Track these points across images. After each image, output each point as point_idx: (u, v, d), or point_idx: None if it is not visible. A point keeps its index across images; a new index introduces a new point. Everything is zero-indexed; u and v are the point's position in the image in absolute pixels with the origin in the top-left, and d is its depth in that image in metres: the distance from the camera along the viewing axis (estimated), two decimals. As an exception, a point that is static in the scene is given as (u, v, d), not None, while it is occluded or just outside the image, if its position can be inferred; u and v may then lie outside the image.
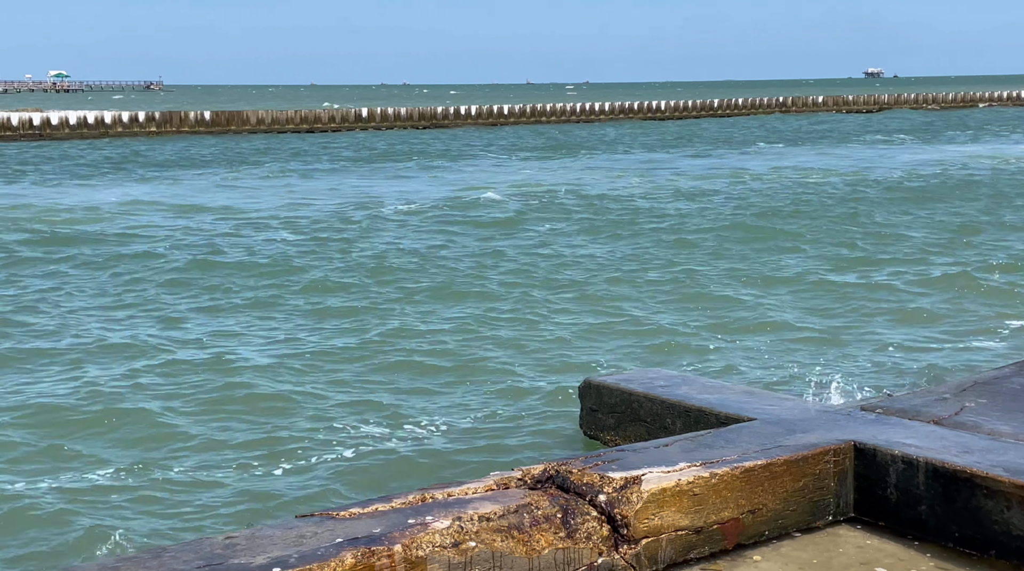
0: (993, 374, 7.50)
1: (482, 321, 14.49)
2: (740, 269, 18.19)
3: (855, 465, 5.77)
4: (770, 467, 5.53)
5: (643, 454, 5.61)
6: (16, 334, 14.02)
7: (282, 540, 4.55)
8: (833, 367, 11.63)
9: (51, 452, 9.58)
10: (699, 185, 33.50)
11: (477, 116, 78.28)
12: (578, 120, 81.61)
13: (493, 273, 18.26)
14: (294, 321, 14.72)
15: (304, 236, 23.23)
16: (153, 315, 15.22)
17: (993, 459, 5.44)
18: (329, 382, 11.65)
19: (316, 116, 72.60)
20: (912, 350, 12.51)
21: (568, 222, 24.95)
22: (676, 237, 22.15)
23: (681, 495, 5.25)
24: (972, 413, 6.40)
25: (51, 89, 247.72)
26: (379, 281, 17.60)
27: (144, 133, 65.42)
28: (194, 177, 38.70)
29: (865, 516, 5.76)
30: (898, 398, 6.96)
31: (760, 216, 25.29)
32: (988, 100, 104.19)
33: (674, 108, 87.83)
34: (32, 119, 63.66)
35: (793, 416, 6.48)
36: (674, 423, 7.35)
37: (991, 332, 13.30)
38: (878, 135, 60.97)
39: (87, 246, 21.76)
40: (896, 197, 29.06)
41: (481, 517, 4.81)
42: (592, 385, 8.35)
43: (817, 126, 71.77)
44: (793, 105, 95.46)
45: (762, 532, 5.53)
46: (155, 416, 10.52)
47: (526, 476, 5.36)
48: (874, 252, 19.79)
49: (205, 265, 19.39)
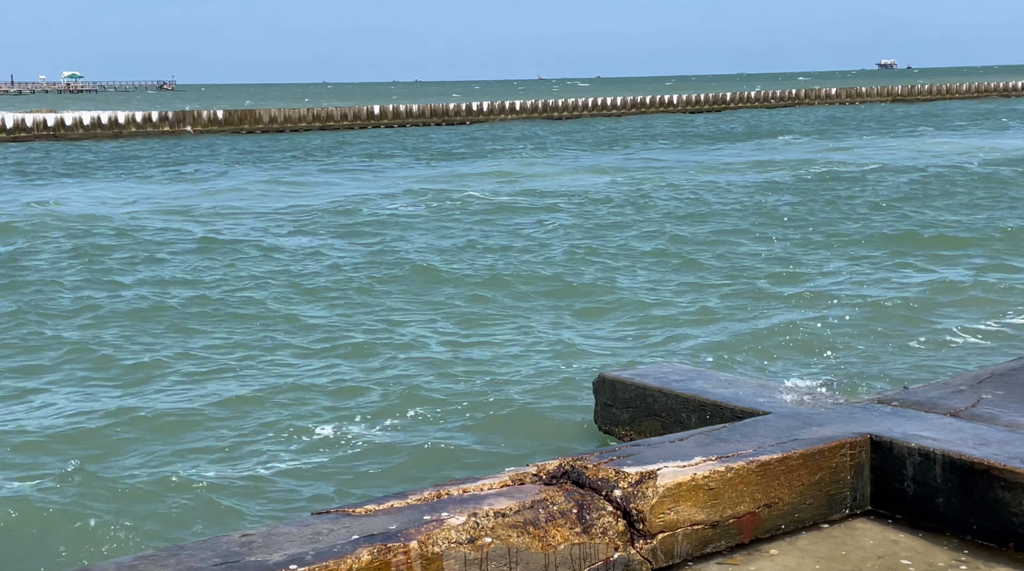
0: (1010, 365, 7.46)
1: (496, 317, 14.49)
2: (763, 266, 18.14)
3: (872, 458, 5.74)
4: (786, 461, 5.51)
5: (658, 449, 5.59)
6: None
7: (298, 537, 4.56)
8: (847, 360, 11.59)
9: (66, 452, 9.63)
10: (717, 179, 33.44)
11: (489, 112, 78.24)
12: (591, 115, 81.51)
13: (507, 268, 18.25)
14: (312, 314, 14.75)
15: (317, 236, 23.29)
16: (156, 319, 15.29)
17: (1011, 451, 5.40)
18: (343, 379, 11.66)
19: (328, 114, 72.69)
20: (929, 342, 12.45)
21: (586, 218, 24.93)
22: (694, 233, 22.10)
23: (697, 489, 5.24)
24: (989, 405, 6.37)
25: (65, 90, 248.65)
26: (392, 277, 17.62)
27: (157, 133, 65.62)
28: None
29: (882, 509, 5.74)
30: (914, 390, 6.92)
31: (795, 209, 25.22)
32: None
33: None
34: (46, 120, 63.94)
35: (809, 409, 6.46)
36: (689, 417, 7.33)
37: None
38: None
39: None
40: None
41: (497, 513, 4.81)
42: (606, 380, 8.33)
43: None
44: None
45: (779, 526, 5.51)
46: (172, 414, 10.56)
47: (541, 471, 5.35)
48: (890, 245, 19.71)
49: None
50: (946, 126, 60.77)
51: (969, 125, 61.14)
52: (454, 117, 76.28)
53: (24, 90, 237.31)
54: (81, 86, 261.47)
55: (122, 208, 28.86)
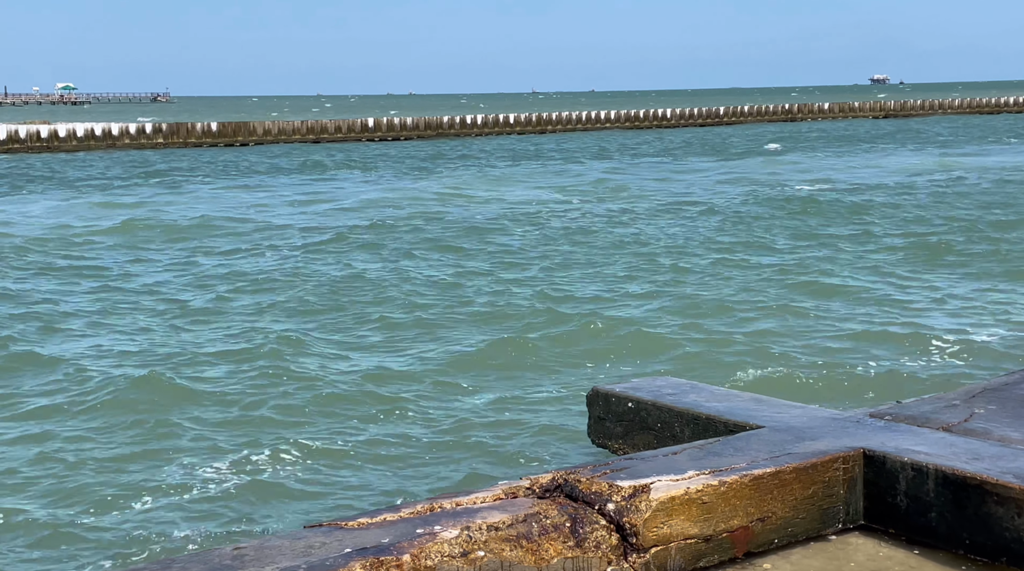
0: (1003, 380, 7.47)
1: (490, 329, 14.48)
2: (762, 279, 18.17)
3: (865, 472, 5.75)
4: (779, 475, 5.51)
5: (652, 462, 5.59)
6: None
7: (290, 550, 4.55)
8: (840, 373, 11.61)
9: (51, 460, 9.59)
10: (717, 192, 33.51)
11: (483, 125, 78.37)
12: (584, 128, 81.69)
13: (499, 281, 18.26)
14: (300, 326, 14.73)
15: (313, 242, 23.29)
16: (166, 317, 15.25)
17: (1003, 466, 5.41)
18: (336, 391, 11.64)
19: (323, 126, 72.74)
20: (920, 355, 12.47)
21: (588, 228, 24.96)
22: (687, 244, 22.14)
23: (690, 503, 5.24)
24: (982, 420, 6.38)
25: (59, 101, 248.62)
26: (390, 284, 17.61)
27: (151, 144, 65.60)
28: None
29: (875, 524, 5.74)
30: (907, 405, 6.93)
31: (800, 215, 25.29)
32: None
33: (690, 115, 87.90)
34: (40, 131, 63.89)
35: (802, 423, 6.46)
36: (682, 431, 7.33)
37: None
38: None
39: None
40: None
41: (490, 526, 4.80)
42: (600, 393, 8.33)
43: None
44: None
45: (772, 540, 5.51)
46: (165, 423, 10.53)
47: (534, 485, 5.35)
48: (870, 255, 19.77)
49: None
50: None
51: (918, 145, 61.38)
52: (448, 130, 76.39)
53: (17, 101, 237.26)
54: (75, 98, 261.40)
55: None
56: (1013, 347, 12.84)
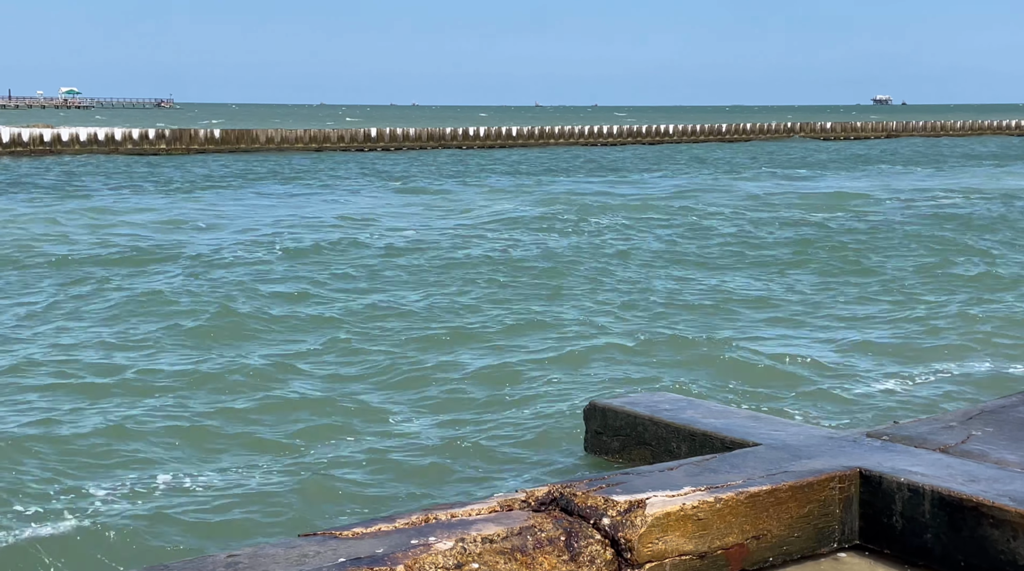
0: (1000, 403, 7.47)
1: (488, 340, 14.48)
2: (760, 295, 18.18)
3: (861, 492, 5.74)
4: (775, 493, 5.51)
5: (648, 478, 5.59)
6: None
7: (284, 559, 4.54)
8: (837, 392, 11.59)
9: (50, 468, 9.57)
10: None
11: (486, 138, 78.49)
12: (586, 143, 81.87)
13: (499, 292, 18.27)
14: (301, 334, 14.73)
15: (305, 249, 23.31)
16: (160, 325, 15.26)
17: (999, 488, 5.41)
18: (331, 399, 11.63)
19: (325, 135, 72.85)
20: (918, 377, 12.47)
21: (590, 239, 24.99)
22: (690, 255, 22.17)
23: (686, 519, 5.23)
24: (978, 442, 6.37)
25: (62, 105, 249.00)
26: (391, 293, 17.62)
27: (153, 150, 65.68)
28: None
29: (871, 544, 5.73)
30: (904, 425, 6.93)
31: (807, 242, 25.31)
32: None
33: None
34: (43, 135, 63.97)
35: (799, 441, 6.46)
36: (679, 447, 7.33)
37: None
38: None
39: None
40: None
41: (484, 539, 4.80)
42: (597, 408, 8.33)
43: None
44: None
45: (767, 558, 5.50)
46: (156, 432, 10.51)
47: (530, 498, 5.34)
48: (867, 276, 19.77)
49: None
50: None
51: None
52: (451, 141, 76.49)
53: (21, 105, 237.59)
54: (79, 102, 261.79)
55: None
56: (1009, 369, 12.84)
